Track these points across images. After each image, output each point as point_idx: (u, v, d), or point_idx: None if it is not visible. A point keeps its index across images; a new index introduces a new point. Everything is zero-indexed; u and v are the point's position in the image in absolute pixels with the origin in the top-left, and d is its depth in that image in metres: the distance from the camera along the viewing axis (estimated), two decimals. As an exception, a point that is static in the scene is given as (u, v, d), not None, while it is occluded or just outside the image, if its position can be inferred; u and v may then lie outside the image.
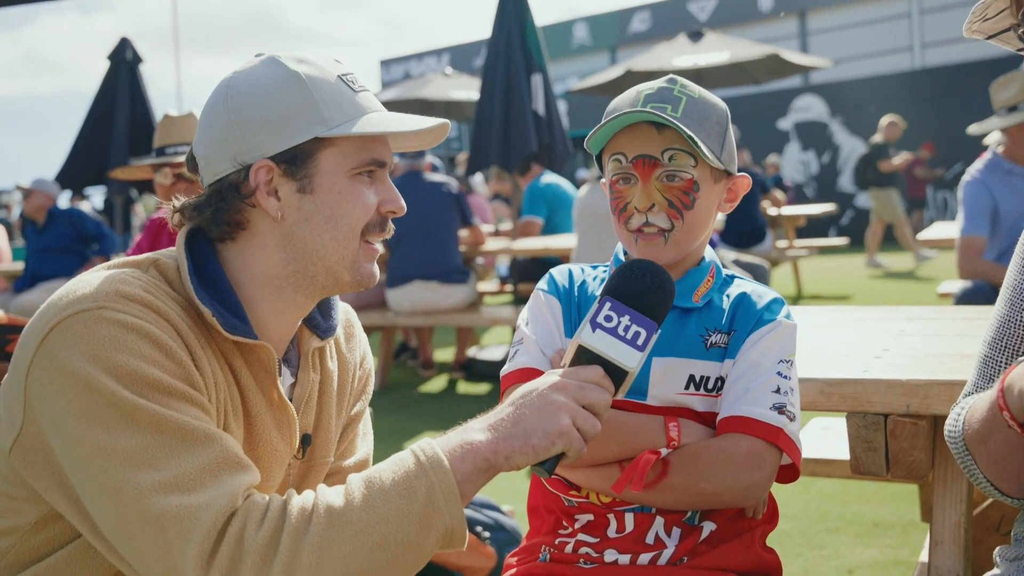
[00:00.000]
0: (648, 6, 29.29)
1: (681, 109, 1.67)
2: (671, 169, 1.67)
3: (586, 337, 1.42)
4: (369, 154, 1.51)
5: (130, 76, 10.74)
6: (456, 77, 14.46)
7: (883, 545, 3.87)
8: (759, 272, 7.76)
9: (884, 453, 1.92)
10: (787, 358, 1.70)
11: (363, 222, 1.52)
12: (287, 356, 1.63)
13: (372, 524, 1.28)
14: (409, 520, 1.29)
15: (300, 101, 1.47)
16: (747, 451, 1.62)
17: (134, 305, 1.36)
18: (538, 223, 8.58)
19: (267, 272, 1.52)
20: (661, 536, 1.68)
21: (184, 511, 1.25)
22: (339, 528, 1.27)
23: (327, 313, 1.68)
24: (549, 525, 1.77)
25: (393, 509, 1.29)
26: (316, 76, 1.50)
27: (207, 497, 1.26)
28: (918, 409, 1.88)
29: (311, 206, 1.49)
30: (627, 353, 1.42)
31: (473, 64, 28.42)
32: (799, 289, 11.79)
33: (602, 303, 1.44)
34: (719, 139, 1.70)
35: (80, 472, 1.29)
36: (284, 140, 1.47)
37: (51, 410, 1.30)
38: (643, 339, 1.42)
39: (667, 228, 1.69)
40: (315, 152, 1.48)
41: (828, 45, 25.70)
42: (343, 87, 1.51)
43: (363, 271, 1.55)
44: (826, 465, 2.67)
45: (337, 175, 1.49)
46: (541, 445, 1.34)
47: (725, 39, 13.46)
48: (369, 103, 1.53)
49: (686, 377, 1.69)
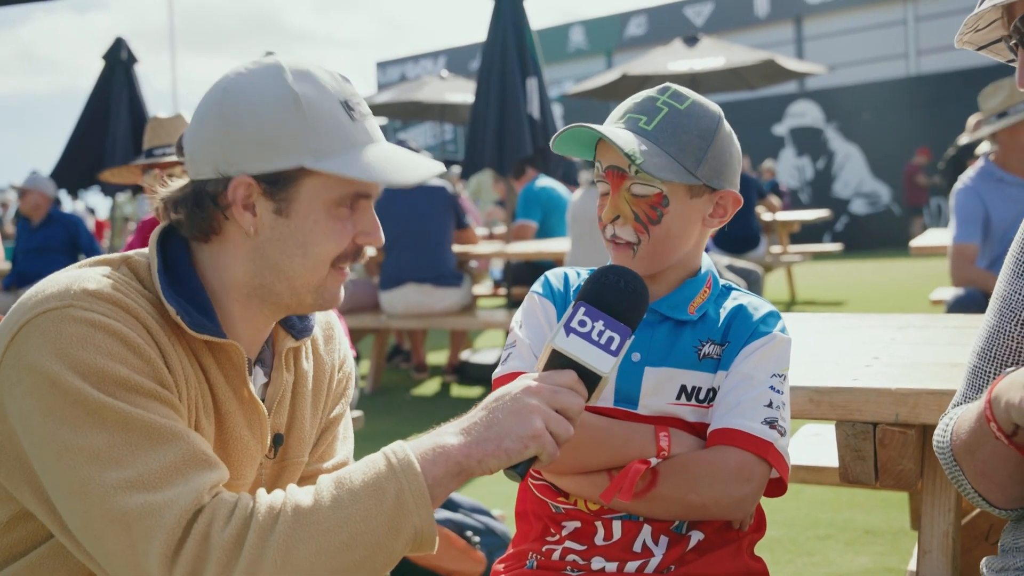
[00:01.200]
0: (645, 10, 29.36)
1: (656, 121, 1.66)
2: (638, 181, 1.66)
3: (560, 341, 1.41)
4: (353, 188, 1.48)
5: (125, 76, 10.74)
6: (452, 80, 14.46)
7: (873, 552, 3.87)
8: (752, 277, 7.78)
9: (873, 462, 1.92)
10: (780, 372, 1.70)
11: (335, 254, 1.49)
12: (261, 356, 1.62)
13: (339, 524, 1.28)
14: (377, 521, 1.29)
15: (292, 125, 1.43)
16: (737, 464, 1.61)
17: (102, 303, 1.35)
18: (532, 227, 8.58)
19: (234, 279, 1.51)
20: (649, 544, 1.68)
21: (148, 508, 1.24)
22: (306, 527, 1.27)
23: (303, 314, 1.66)
24: (537, 531, 1.77)
25: (361, 510, 1.29)
26: (314, 99, 1.45)
27: (172, 494, 1.26)
28: (907, 418, 1.88)
29: (285, 229, 1.47)
30: (601, 358, 1.41)
31: (469, 67, 28.42)
32: (793, 295, 11.80)
33: (576, 308, 1.43)
34: (697, 153, 1.67)
35: (48, 471, 1.29)
36: (269, 162, 1.43)
37: (20, 409, 1.30)
38: (617, 344, 1.42)
39: (634, 242, 1.69)
40: (299, 179, 1.45)
41: (824, 51, 25.78)
42: (341, 115, 1.46)
43: (327, 296, 1.53)
44: (817, 472, 2.67)
45: (316, 204, 1.46)
46: (514, 449, 1.34)
47: (721, 44, 13.48)
48: (365, 134, 1.49)
49: (678, 387, 1.69)
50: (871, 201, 20.44)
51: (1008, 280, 1.60)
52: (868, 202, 20.06)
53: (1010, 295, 1.58)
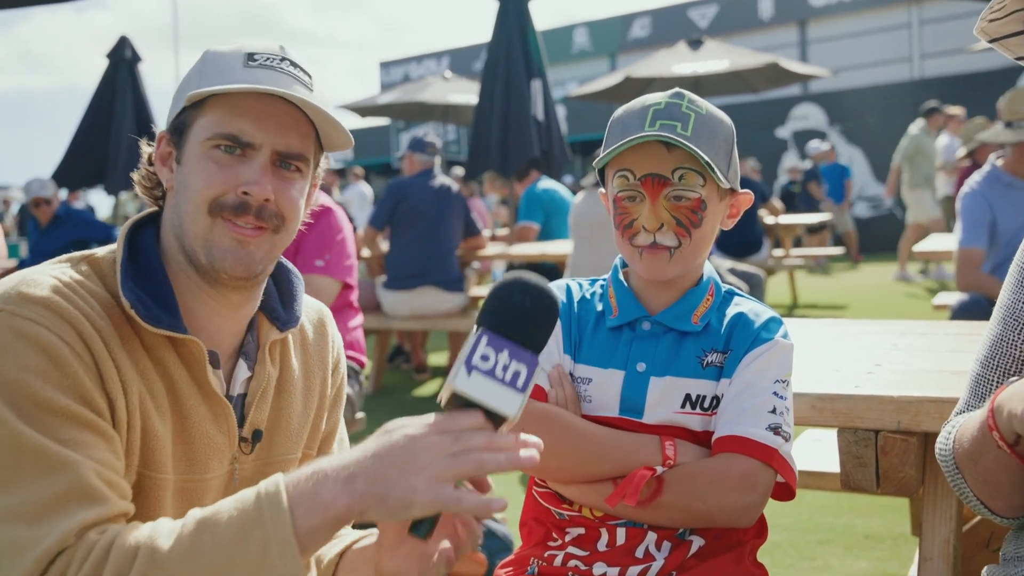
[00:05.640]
0: (649, 12, 29.31)
1: (691, 127, 1.66)
2: (680, 188, 1.66)
3: (460, 383, 1.25)
4: (225, 127, 1.44)
5: (129, 75, 10.75)
6: (455, 80, 14.45)
7: (873, 557, 3.87)
8: (754, 281, 7.77)
9: (875, 469, 1.92)
10: (783, 378, 1.70)
11: (207, 196, 1.44)
12: (245, 348, 1.58)
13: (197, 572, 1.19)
14: (238, 573, 1.19)
15: (192, 73, 1.50)
16: (741, 472, 1.62)
17: (35, 308, 1.32)
18: (534, 228, 8.58)
19: (170, 247, 1.50)
20: (651, 550, 1.68)
21: (17, 544, 1.21)
22: (159, 573, 1.19)
23: (288, 304, 1.64)
24: (539, 537, 1.78)
25: (222, 559, 1.19)
26: (219, 51, 1.50)
27: (43, 532, 1.22)
28: (909, 426, 1.88)
29: (180, 176, 1.48)
30: (507, 399, 1.25)
31: (472, 68, 28.41)
32: (794, 299, 11.79)
33: (478, 338, 1.27)
34: (726, 157, 1.70)
35: None
36: (172, 112, 1.51)
37: None
38: (523, 379, 1.26)
39: (674, 246, 1.69)
40: (190, 123, 1.48)
41: (828, 54, 25.74)
42: (236, 62, 1.46)
43: (216, 253, 1.45)
44: (818, 478, 2.67)
45: (195, 147, 1.47)
46: (397, 508, 1.18)
47: (725, 47, 13.46)
48: (251, 75, 1.45)
49: (682, 396, 1.70)
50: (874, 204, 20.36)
51: (1012, 290, 1.60)
52: (871, 205, 19.98)
53: (1014, 304, 1.58)
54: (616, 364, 1.73)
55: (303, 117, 1.49)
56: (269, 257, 1.51)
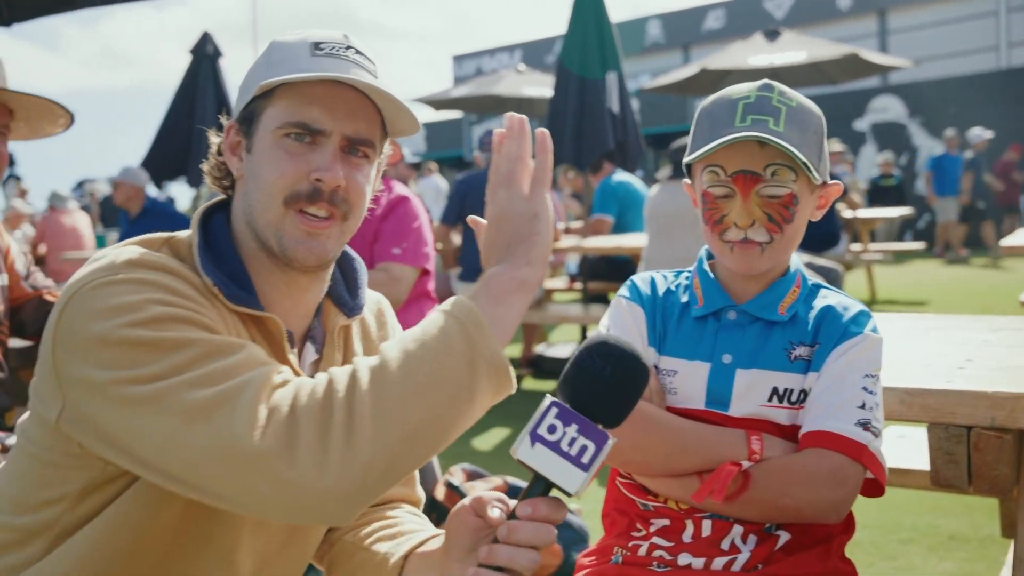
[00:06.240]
0: (723, 4, 28.99)
1: (782, 122, 1.64)
2: (772, 184, 1.64)
3: (523, 453, 1.23)
4: (295, 115, 1.46)
5: (211, 69, 10.95)
6: (529, 74, 14.48)
7: (958, 559, 3.79)
8: (832, 276, 7.65)
9: (966, 466, 1.87)
10: (873, 372, 1.67)
11: (281, 186, 1.46)
12: (312, 333, 1.61)
13: (416, 367, 1.25)
14: (449, 356, 1.25)
15: (260, 64, 1.51)
16: (830, 468, 1.60)
17: (145, 269, 1.37)
18: (608, 221, 8.53)
19: (241, 233, 1.53)
20: (737, 543, 1.67)
21: (224, 393, 1.24)
22: (385, 375, 1.25)
23: (354, 291, 1.67)
24: (622, 528, 1.77)
25: (431, 350, 1.26)
26: (285, 41, 1.51)
27: (244, 379, 1.26)
28: (1004, 422, 1.83)
29: (251, 164, 1.51)
30: (569, 475, 1.22)
31: (545, 61, 28.42)
32: (873, 294, 11.58)
33: (548, 409, 1.24)
34: (817, 150, 1.68)
35: (123, 423, 1.27)
36: (240, 103, 1.53)
37: (80, 378, 1.30)
38: (589, 456, 1.22)
39: (765, 241, 1.67)
40: (260, 112, 1.49)
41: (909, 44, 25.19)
42: (303, 51, 1.48)
43: (288, 242, 1.48)
44: (902, 475, 2.61)
45: (266, 136, 1.48)
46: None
47: (802, 38, 13.27)
48: (318, 64, 1.47)
49: (769, 389, 1.68)
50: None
51: None
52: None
53: None
54: (702, 356, 1.72)
55: (369, 103, 1.51)
56: (339, 244, 1.54)
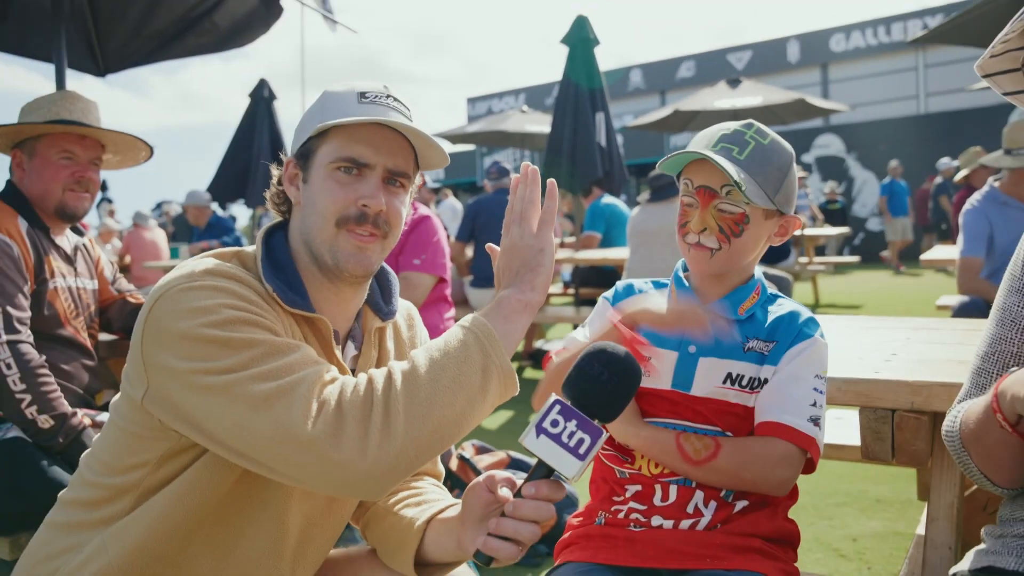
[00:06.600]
0: (693, 56, 29.01)
1: (746, 153, 1.64)
2: (726, 202, 1.65)
3: (529, 442, 1.25)
4: (345, 152, 1.48)
5: (267, 110, 10.98)
6: (531, 113, 14.46)
7: (883, 518, 3.79)
8: (783, 284, 7.62)
9: (891, 442, 1.88)
10: (822, 374, 1.69)
11: (334, 211, 1.48)
12: (352, 333, 1.62)
13: (440, 372, 1.28)
14: (468, 365, 1.29)
15: (314, 110, 1.53)
16: (784, 453, 1.62)
17: (219, 278, 1.39)
18: (597, 237, 8.54)
19: (298, 249, 1.53)
20: (699, 506, 1.67)
21: (282, 388, 1.26)
22: (415, 379, 1.28)
23: (388, 299, 1.68)
24: (604, 493, 1.78)
25: (453, 359, 1.30)
26: (335, 93, 1.52)
27: (299, 376, 1.28)
28: (921, 406, 1.84)
29: (308, 193, 1.52)
30: (568, 463, 1.23)
31: (545, 103, 28.40)
32: (817, 299, 11.57)
33: (552, 406, 1.25)
34: (776, 183, 1.67)
35: (198, 406, 1.29)
36: (297, 141, 1.55)
37: (164, 366, 1.32)
38: (586, 447, 1.23)
39: (714, 248, 1.68)
40: (315, 149, 1.51)
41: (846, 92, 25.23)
42: (351, 99, 1.50)
43: (341, 256, 1.49)
44: (838, 450, 2.62)
45: (321, 169, 1.50)
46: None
47: (758, 86, 13.25)
48: (363, 111, 1.49)
49: (724, 374, 1.69)
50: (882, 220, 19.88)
51: (1006, 294, 1.56)
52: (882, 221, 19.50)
53: (1010, 307, 1.54)
54: (671, 346, 1.72)
55: (405, 142, 1.53)
56: (380, 258, 1.54)
